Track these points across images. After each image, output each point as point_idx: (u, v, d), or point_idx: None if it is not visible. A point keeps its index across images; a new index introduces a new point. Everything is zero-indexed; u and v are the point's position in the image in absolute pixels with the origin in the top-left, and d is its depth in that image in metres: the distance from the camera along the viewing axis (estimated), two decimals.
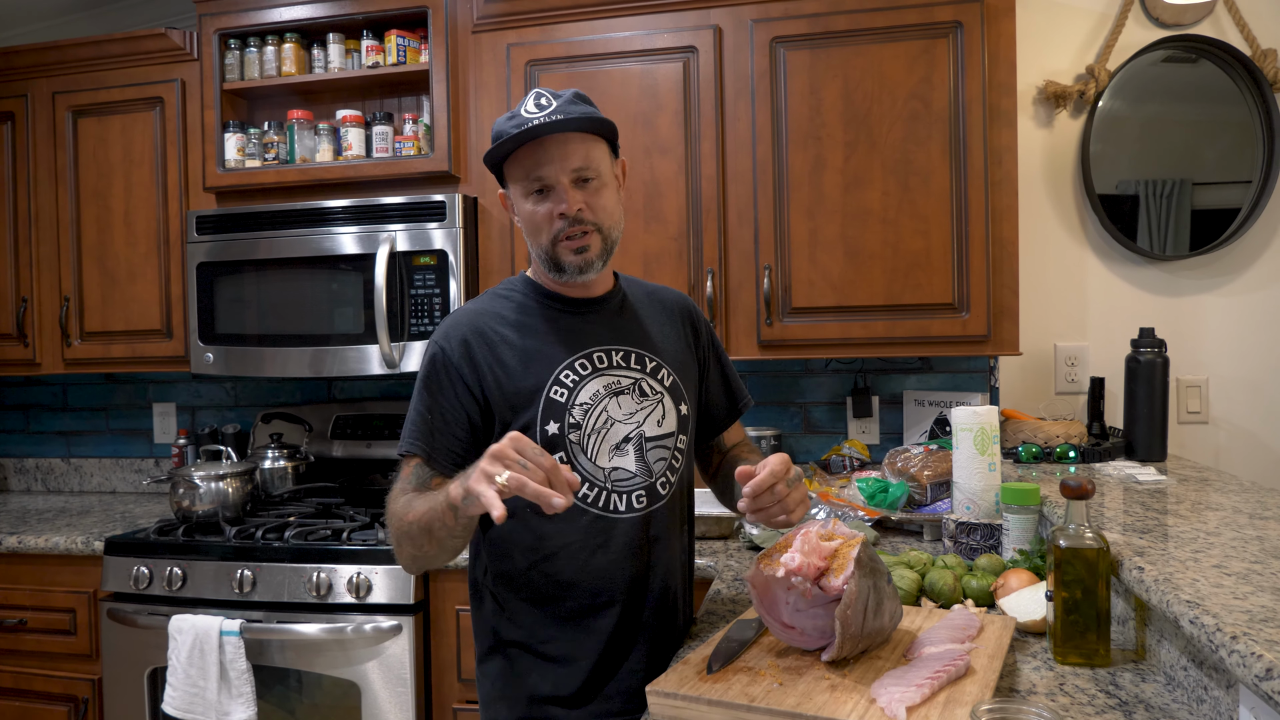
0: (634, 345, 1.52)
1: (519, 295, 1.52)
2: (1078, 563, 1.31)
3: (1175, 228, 2.64)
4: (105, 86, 2.82)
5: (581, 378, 1.45)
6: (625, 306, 1.56)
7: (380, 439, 2.89)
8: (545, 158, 1.39)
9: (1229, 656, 0.97)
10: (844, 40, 2.35)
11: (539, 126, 1.35)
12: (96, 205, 2.84)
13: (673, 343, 1.58)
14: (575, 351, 1.46)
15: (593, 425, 1.44)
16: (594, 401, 1.44)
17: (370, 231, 2.54)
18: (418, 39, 2.65)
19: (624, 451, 1.45)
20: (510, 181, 1.46)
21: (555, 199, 1.40)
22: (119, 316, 2.84)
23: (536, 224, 1.43)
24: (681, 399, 1.54)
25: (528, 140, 1.37)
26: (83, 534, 2.50)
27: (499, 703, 1.48)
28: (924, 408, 2.67)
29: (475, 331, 1.45)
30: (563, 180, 1.39)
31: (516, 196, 1.45)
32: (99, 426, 3.33)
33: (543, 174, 1.39)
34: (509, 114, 1.42)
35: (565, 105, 1.39)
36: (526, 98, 1.41)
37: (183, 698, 2.22)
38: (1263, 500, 1.76)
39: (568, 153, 1.39)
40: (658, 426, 1.49)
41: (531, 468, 1.13)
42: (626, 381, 1.48)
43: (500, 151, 1.40)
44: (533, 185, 1.41)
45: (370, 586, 2.23)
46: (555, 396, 1.42)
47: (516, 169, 1.42)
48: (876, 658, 1.26)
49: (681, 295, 1.69)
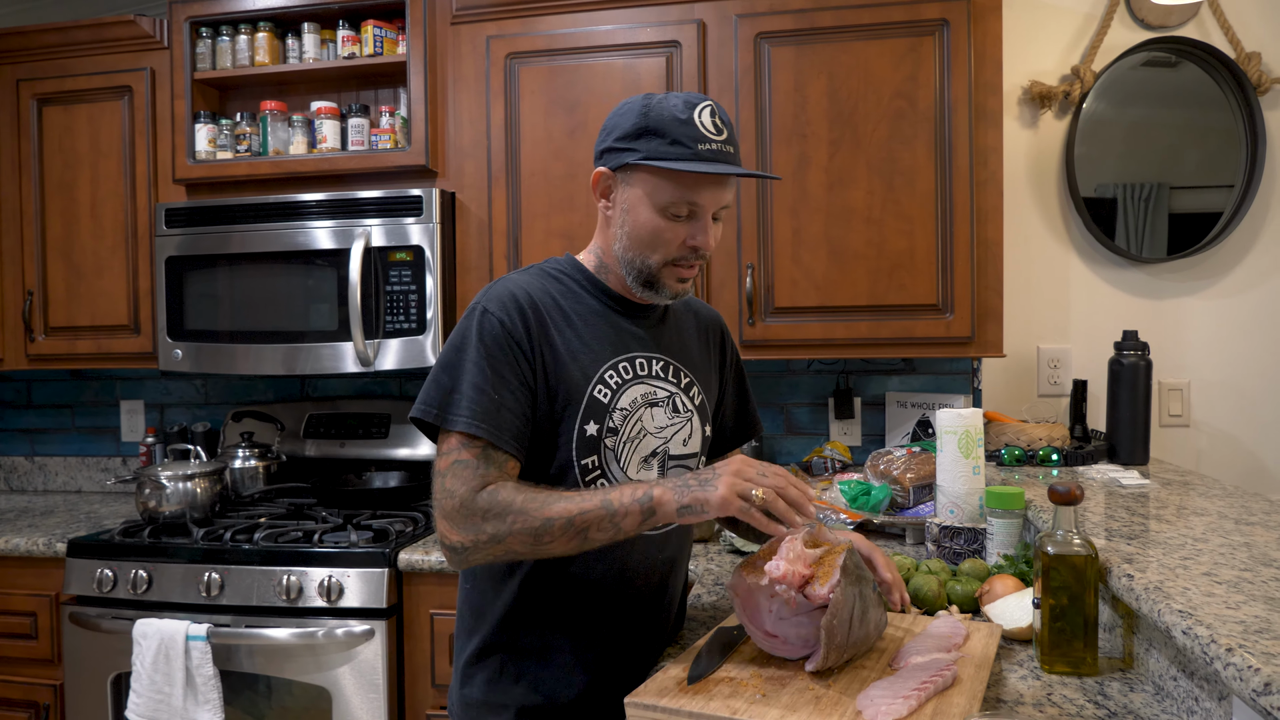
0: (672, 357, 1.46)
1: (570, 280, 1.42)
2: (1065, 569, 1.28)
3: (1152, 231, 2.63)
4: (72, 74, 2.74)
5: (624, 381, 1.38)
6: (668, 316, 1.50)
7: (354, 438, 2.83)
8: (709, 189, 1.32)
9: (1224, 669, 0.94)
10: (829, 37, 2.32)
11: (727, 160, 1.30)
12: (62, 197, 2.76)
13: (702, 360, 1.53)
14: (620, 353, 1.39)
15: (629, 434, 1.38)
16: (632, 409, 1.38)
17: (345, 226, 2.49)
18: (395, 30, 2.60)
19: (649, 466, 1.40)
20: (644, 177, 1.32)
21: (695, 229, 1.33)
22: (85, 311, 2.76)
23: (660, 240, 1.33)
24: (707, 420, 1.50)
25: (716, 173, 1.29)
26: (45, 535, 2.43)
27: (481, 708, 1.41)
28: (906, 409, 2.65)
29: (531, 306, 1.34)
30: (709, 213, 1.34)
31: (642, 199, 1.32)
32: (64, 424, 3.25)
33: (700, 202, 1.32)
34: (678, 112, 1.29)
35: (733, 137, 1.33)
36: (699, 106, 1.30)
37: (147, 704, 2.16)
38: (1247, 505, 1.74)
39: (726, 190, 1.34)
40: (683, 446, 1.44)
41: (770, 476, 1.18)
42: (663, 394, 1.42)
43: (680, 168, 1.28)
44: (682, 208, 1.32)
45: (342, 590, 2.18)
46: (599, 396, 1.35)
47: (668, 178, 1.30)
48: (861, 667, 1.22)
49: (715, 313, 1.63)
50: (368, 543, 2.24)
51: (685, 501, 1.20)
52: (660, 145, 1.29)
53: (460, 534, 1.26)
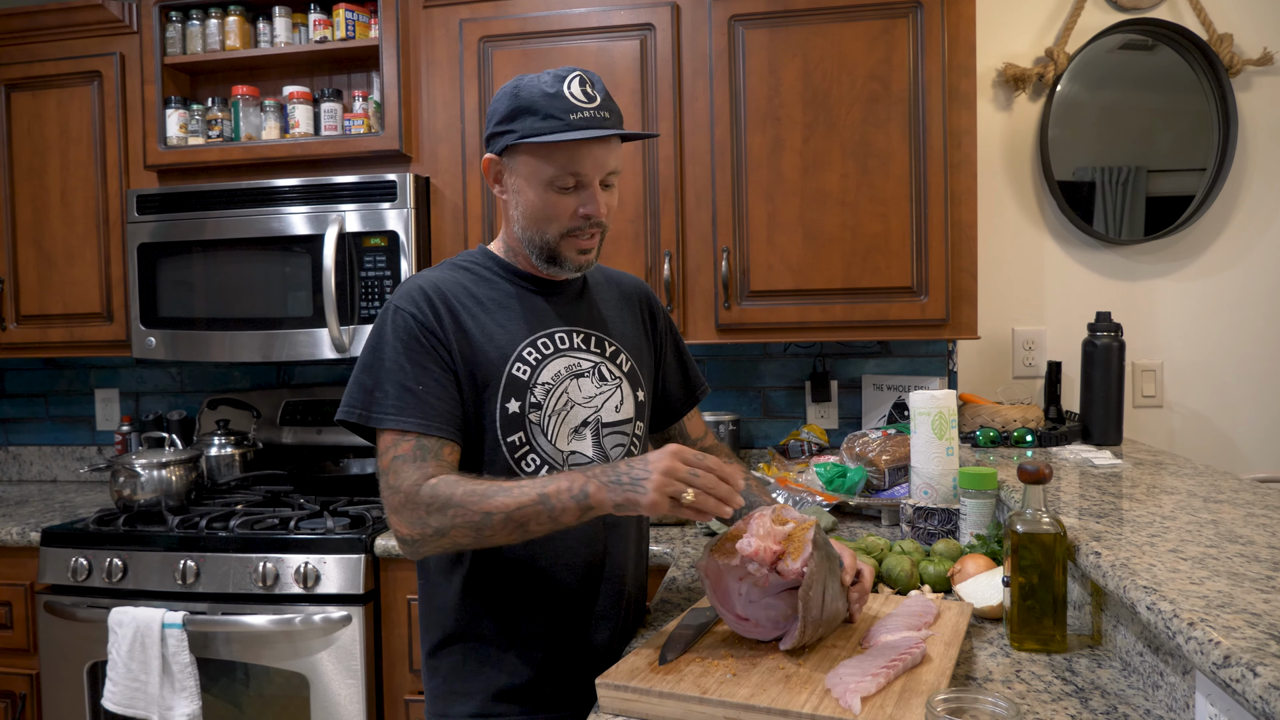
0: (594, 329, 1.49)
1: (480, 268, 1.46)
2: (1034, 548, 1.29)
3: (1131, 213, 2.64)
4: (40, 60, 2.70)
5: (544, 356, 1.41)
6: (586, 290, 1.53)
7: (331, 425, 2.81)
8: (589, 156, 1.33)
9: (1186, 643, 0.95)
10: (803, 19, 2.31)
11: (607, 131, 1.31)
12: (31, 184, 2.73)
13: (630, 329, 1.55)
14: (537, 330, 1.42)
15: (553, 406, 1.40)
16: (555, 382, 1.40)
17: (319, 212, 2.47)
18: (367, 13, 2.57)
19: (582, 435, 1.42)
20: (526, 159, 1.35)
21: (584, 198, 1.35)
22: (57, 299, 2.73)
23: (551, 214, 1.36)
24: (639, 385, 1.51)
25: (588, 137, 1.30)
26: (19, 524, 2.41)
27: (450, 697, 1.43)
28: (882, 392, 2.66)
29: (440, 296, 1.38)
30: (596, 181, 1.35)
31: (528, 177, 1.35)
32: (39, 413, 3.22)
33: (583, 170, 1.33)
34: (546, 88, 1.31)
35: (608, 101, 1.34)
36: (567, 78, 1.31)
37: (123, 692, 2.15)
38: (1216, 484, 1.76)
39: (609, 155, 1.35)
40: (615, 412, 1.46)
41: (702, 474, 1.16)
42: (587, 365, 1.45)
43: (551, 140, 1.30)
44: (567, 180, 1.34)
45: (319, 576, 2.17)
46: (517, 373, 1.38)
47: (546, 154, 1.33)
48: (832, 646, 1.23)
49: (639, 281, 1.66)
50: (344, 529, 2.24)
51: (618, 500, 1.19)
52: (534, 122, 1.31)
53: (408, 528, 1.28)
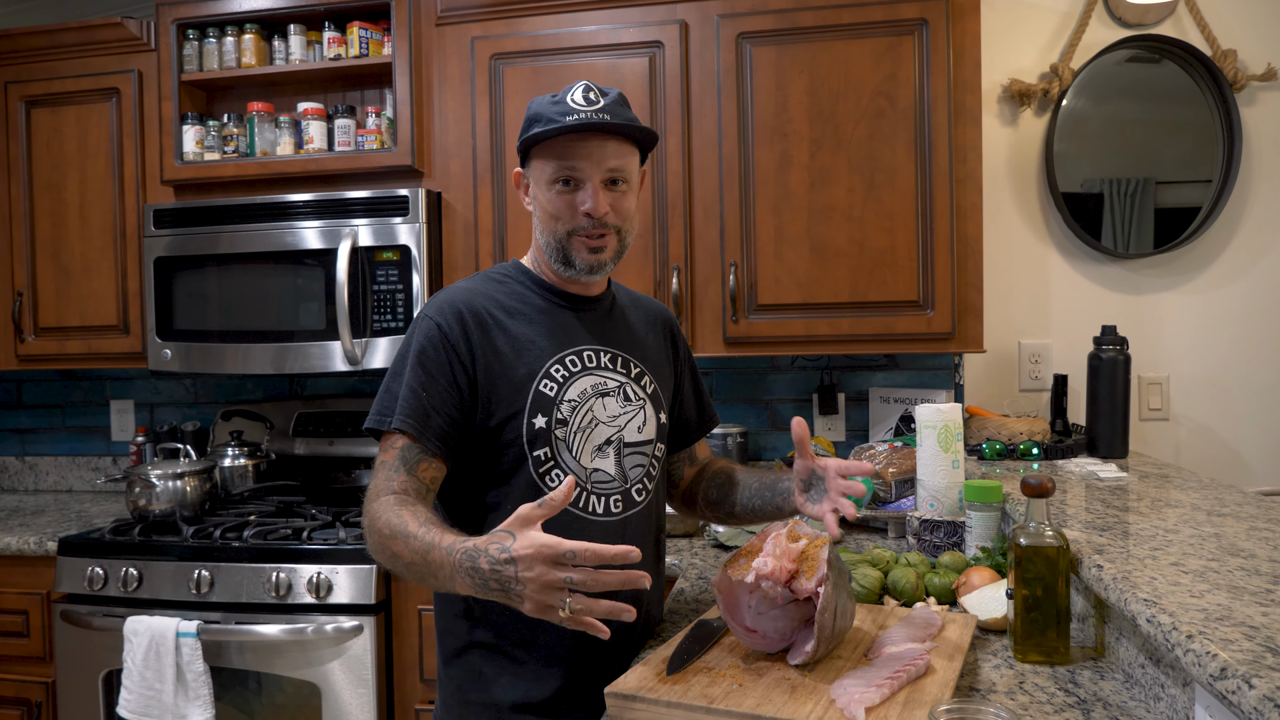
0: (620, 349, 1.51)
1: (513, 282, 1.49)
2: (1038, 561, 1.31)
3: (1139, 226, 2.66)
4: (60, 76, 2.75)
5: (571, 374, 1.43)
6: (615, 310, 1.56)
7: (343, 436, 2.85)
8: (583, 152, 1.37)
9: (1184, 656, 0.97)
10: (810, 36, 2.34)
11: (590, 122, 1.34)
12: (50, 198, 2.77)
13: (654, 352, 1.58)
14: (566, 347, 1.44)
15: (579, 424, 1.42)
16: (581, 400, 1.42)
17: (332, 226, 2.50)
18: (380, 31, 2.62)
19: (605, 454, 1.44)
20: (535, 163, 1.42)
21: (583, 195, 1.39)
22: (74, 312, 2.78)
23: (556, 212, 1.40)
24: (661, 407, 1.53)
25: (575, 131, 1.35)
26: (36, 534, 2.45)
27: (463, 707, 1.44)
28: (889, 405, 2.67)
29: (471, 311, 1.41)
30: (595, 179, 1.38)
31: (538, 180, 1.42)
32: (55, 424, 3.26)
33: (577, 167, 1.37)
34: (552, 98, 1.39)
35: (613, 105, 1.38)
36: (574, 87, 1.39)
37: (138, 700, 2.18)
38: (1220, 497, 1.78)
39: (606, 153, 1.38)
40: (638, 433, 1.47)
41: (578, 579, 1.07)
42: (613, 384, 1.46)
43: (542, 136, 1.36)
44: (562, 174, 1.38)
45: (331, 586, 2.20)
46: (544, 390, 1.40)
47: (548, 154, 1.39)
48: (837, 658, 1.25)
49: (664, 307, 1.69)
50: (356, 540, 2.26)
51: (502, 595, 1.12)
52: (536, 128, 1.37)
53: (365, 532, 1.33)
